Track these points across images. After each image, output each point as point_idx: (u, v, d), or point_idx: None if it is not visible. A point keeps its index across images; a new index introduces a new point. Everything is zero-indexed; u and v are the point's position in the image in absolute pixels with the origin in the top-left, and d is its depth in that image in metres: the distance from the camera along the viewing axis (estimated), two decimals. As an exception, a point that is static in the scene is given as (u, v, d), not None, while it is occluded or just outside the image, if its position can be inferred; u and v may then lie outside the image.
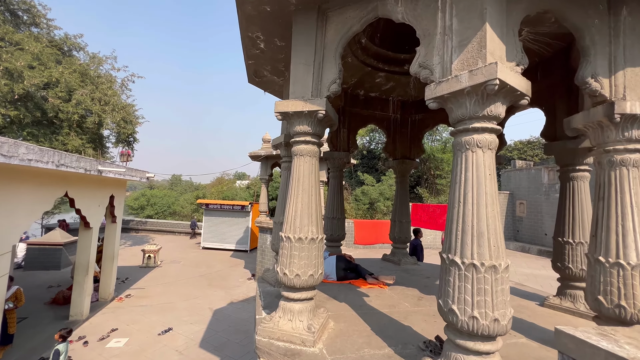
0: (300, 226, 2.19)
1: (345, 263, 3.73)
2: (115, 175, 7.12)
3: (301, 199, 2.22)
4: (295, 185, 2.26)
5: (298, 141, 2.30)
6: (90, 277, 7.18)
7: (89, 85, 12.90)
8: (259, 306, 2.72)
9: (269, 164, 11.30)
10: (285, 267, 2.17)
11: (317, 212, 2.26)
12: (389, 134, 5.11)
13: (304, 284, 2.15)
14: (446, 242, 1.70)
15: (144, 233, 21.92)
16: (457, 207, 1.65)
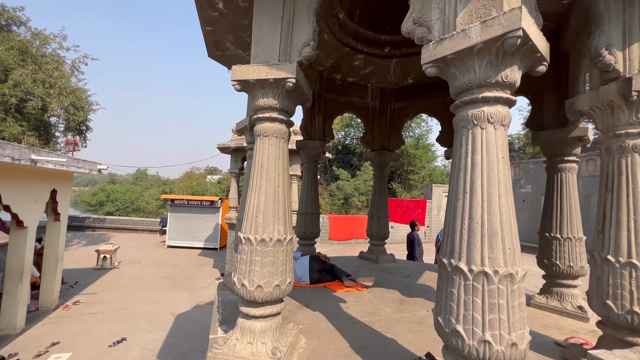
0: (263, 225, 1.74)
1: (320, 264, 3.34)
2: (56, 166, 6.15)
3: (265, 190, 1.77)
4: (257, 173, 1.80)
5: (262, 118, 1.84)
6: (25, 284, 6.19)
7: (31, 64, 11.33)
8: (215, 321, 2.25)
9: (239, 156, 10.61)
10: (244, 277, 1.72)
11: (286, 207, 1.83)
12: (367, 123, 4.77)
13: (267, 297, 1.71)
14: (446, 244, 1.34)
15: (103, 231, 20.15)
16: (462, 200, 1.29)
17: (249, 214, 1.77)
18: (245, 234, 1.76)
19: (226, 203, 16.06)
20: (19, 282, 6.06)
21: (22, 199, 5.95)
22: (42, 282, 7.24)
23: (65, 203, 7.58)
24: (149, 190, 33.40)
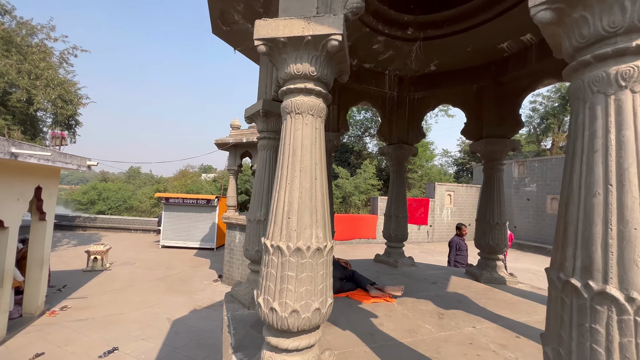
0: (298, 229, 1.33)
1: (341, 271, 2.93)
2: (40, 161, 5.63)
3: (299, 184, 1.36)
4: (288, 162, 1.39)
5: (293, 90, 1.43)
6: (6, 289, 5.67)
7: (15, 55, 10.67)
8: (228, 346, 1.82)
9: (238, 153, 10.14)
10: (274, 298, 1.31)
11: (325, 205, 1.42)
12: (384, 114, 4.37)
13: (305, 325, 1.30)
14: (571, 259, 0.95)
15: (94, 231, 19.45)
16: (604, 195, 0.90)
17: (278, 214, 1.36)
18: (273, 241, 1.34)
19: (223, 202, 15.56)
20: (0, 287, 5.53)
21: (1, 196, 5.42)
22: (26, 286, 6.70)
23: (52, 201, 7.04)
24: (142, 189, 32.60)
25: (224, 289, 9.50)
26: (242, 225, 9.55)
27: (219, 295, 8.91)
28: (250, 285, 2.55)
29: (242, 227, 9.58)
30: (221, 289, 9.48)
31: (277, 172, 1.43)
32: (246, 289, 2.55)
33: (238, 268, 9.66)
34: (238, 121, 10.33)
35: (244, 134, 9.74)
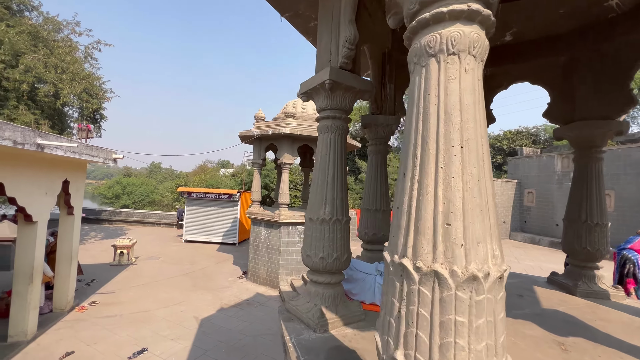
0: (466, 243, 0.81)
1: None
2: (66, 153, 5.40)
3: (461, 167, 0.84)
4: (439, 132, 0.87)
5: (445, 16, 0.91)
6: (36, 285, 5.53)
7: (42, 49, 10.68)
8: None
9: (263, 146, 9.74)
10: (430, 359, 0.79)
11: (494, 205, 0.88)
12: (445, 95, 3.73)
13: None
14: None
15: (119, 224, 19.86)
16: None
17: (424, 218, 0.84)
18: (420, 262, 0.83)
19: (245, 196, 15.34)
20: (29, 283, 5.39)
21: (29, 190, 5.24)
22: (56, 282, 6.61)
23: (79, 195, 6.89)
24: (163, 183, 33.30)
25: (249, 286, 9.21)
26: (268, 221, 9.19)
27: (245, 293, 8.62)
28: (313, 300, 2.06)
29: (268, 223, 9.22)
30: (246, 286, 9.20)
31: (410, 149, 0.91)
32: (307, 304, 2.07)
33: (264, 265, 9.33)
34: (262, 112, 9.91)
35: (269, 125, 9.32)
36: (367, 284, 2.38)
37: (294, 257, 9.08)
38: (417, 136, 0.90)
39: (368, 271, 2.43)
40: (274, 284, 9.02)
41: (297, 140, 9.17)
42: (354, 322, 2.05)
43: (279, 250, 8.99)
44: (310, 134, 8.80)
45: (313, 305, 2.03)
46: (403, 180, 0.91)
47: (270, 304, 7.94)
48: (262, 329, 6.49)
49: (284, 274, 8.98)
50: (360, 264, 2.51)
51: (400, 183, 0.94)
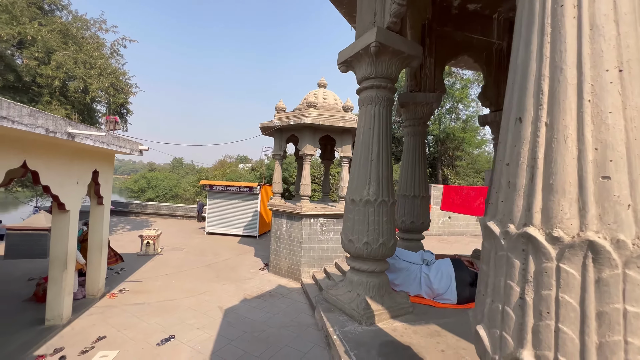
0: (635, 204, 0.56)
1: (468, 273, 2.16)
2: (95, 143, 5.49)
3: (621, 96, 0.58)
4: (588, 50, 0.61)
5: None
6: (69, 271, 5.72)
7: (72, 46, 11.05)
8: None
9: (284, 137, 9.62)
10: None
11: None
12: (490, 72, 3.39)
13: None
14: None
15: (145, 217, 20.60)
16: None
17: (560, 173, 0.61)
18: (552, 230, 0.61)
19: (265, 189, 15.39)
20: (63, 269, 5.57)
21: (62, 179, 5.38)
22: (88, 269, 6.83)
23: (108, 185, 7.05)
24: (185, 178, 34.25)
25: (271, 278, 9.20)
26: (289, 213, 9.09)
27: (267, 284, 8.61)
28: (355, 289, 1.87)
29: (289, 215, 9.13)
30: (268, 278, 9.20)
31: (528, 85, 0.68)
32: (349, 294, 1.88)
33: (285, 258, 9.27)
34: (283, 103, 9.77)
35: (290, 116, 9.17)
36: (411, 274, 2.15)
37: (315, 249, 8.95)
38: (541, 65, 0.67)
39: (413, 260, 2.20)
40: (295, 277, 8.95)
41: (318, 131, 8.97)
42: (402, 315, 1.84)
43: (300, 242, 8.89)
44: (332, 124, 8.57)
45: (356, 295, 1.83)
46: (517, 127, 0.69)
47: (293, 296, 7.87)
48: (286, 320, 6.42)
49: (306, 266, 8.88)
50: (404, 253, 2.28)
51: (510, 132, 0.71)
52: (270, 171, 26.21)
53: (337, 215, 9.03)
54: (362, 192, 1.83)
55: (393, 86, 1.94)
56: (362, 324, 1.67)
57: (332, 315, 1.78)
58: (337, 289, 1.98)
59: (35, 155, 4.66)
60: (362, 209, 1.83)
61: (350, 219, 1.89)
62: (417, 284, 2.13)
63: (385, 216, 1.80)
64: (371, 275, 1.81)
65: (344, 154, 9.03)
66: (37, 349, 4.92)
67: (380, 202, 1.81)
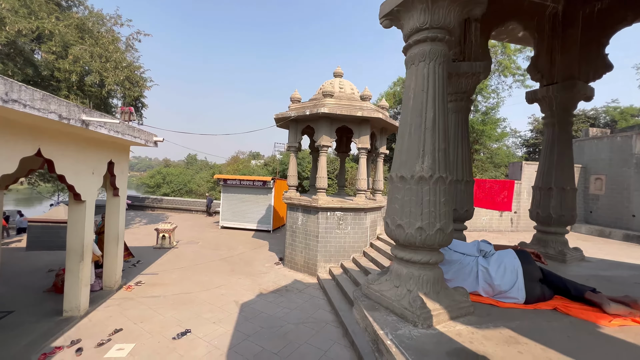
0: None
1: (536, 269, 1.81)
2: (110, 132, 5.36)
3: None
4: None
5: None
6: (86, 263, 5.65)
7: (88, 39, 11.08)
8: None
9: (299, 128, 9.32)
10: None
11: None
12: (542, 39, 2.98)
13: None
14: None
15: (160, 211, 20.86)
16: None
17: None
18: None
19: (279, 183, 15.21)
20: (80, 261, 5.51)
21: (77, 169, 5.28)
22: (105, 261, 6.79)
23: (123, 177, 6.97)
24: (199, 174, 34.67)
25: (286, 272, 9.00)
26: (305, 207, 8.83)
27: (283, 279, 8.40)
28: (405, 284, 1.56)
29: (305, 208, 8.87)
30: (284, 272, 8.99)
31: None
32: (397, 289, 1.57)
33: (301, 252, 9.04)
34: (298, 94, 9.47)
35: (306, 106, 8.85)
36: (465, 268, 1.83)
37: (332, 244, 8.67)
38: None
39: (467, 251, 1.87)
40: (311, 272, 8.71)
41: (335, 121, 8.63)
42: (462, 316, 1.53)
43: (316, 236, 8.62)
44: (349, 114, 8.20)
45: (406, 292, 1.52)
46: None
47: (309, 291, 7.63)
48: (304, 316, 6.18)
49: (322, 261, 8.62)
50: (455, 242, 1.95)
51: None
52: (283, 166, 26.08)
53: (355, 209, 8.70)
54: (413, 167, 1.52)
55: (451, 39, 1.59)
56: (417, 327, 1.37)
57: (379, 315, 1.48)
58: (380, 284, 1.68)
59: (50, 143, 4.55)
60: (415, 187, 1.51)
61: (398, 200, 1.57)
62: (472, 279, 1.80)
63: (442, 196, 1.48)
64: (424, 267, 1.49)
65: (362, 145, 8.66)
66: (55, 340, 4.86)
67: (437, 179, 1.49)
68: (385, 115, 8.77)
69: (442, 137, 1.54)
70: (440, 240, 1.51)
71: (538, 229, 3.08)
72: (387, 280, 1.67)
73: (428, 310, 1.41)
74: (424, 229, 1.48)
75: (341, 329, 5.76)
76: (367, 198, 9.18)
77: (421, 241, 1.50)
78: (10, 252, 9.71)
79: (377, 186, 9.93)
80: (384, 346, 1.26)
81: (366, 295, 1.71)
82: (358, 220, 8.87)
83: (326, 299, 7.16)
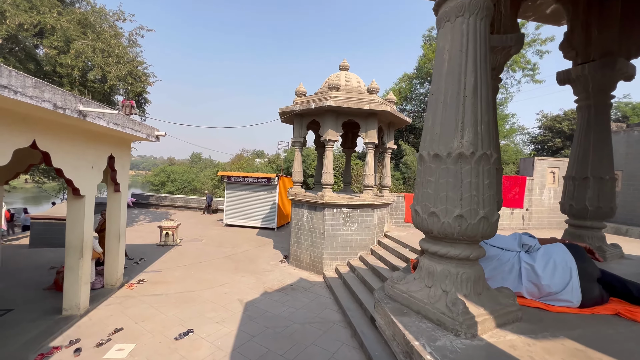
0: None
1: (594, 266, 1.54)
2: (109, 124, 5.16)
3: None
4: None
5: None
6: (86, 260, 5.47)
7: (90, 34, 10.94)
8: None
9: (304, 123, 9.07)
10: None
11: None
12: (576, 13, 2.69)
13: None
14: None
15: (164, 209, 20.79)
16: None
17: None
18: None
19: (283, 181, 14.99)
20: (79, 257, 5.33)
21: (75, 163, 5.09)
22: (106, 258, 6.63)
23: (124, 172, 6.79)
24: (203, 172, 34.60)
25: (291, 270, 8.78)
26: (311, 203, 8.59)
27: (288, 277, 8.18)
28: (439, 283, 1.30)
29: (311, 204, 8.63)
30: (289, 270, 8.77)
31: None
32: (429, 290, 1.31)
33: (306, 250, 8.80)
34: (303, 87, 9.20)
35: (312, 99, 8.59)
36: (505, 265, 1.57)
37: (338, 241, 8.42)
38: None
39: (506, 246, 1.61)
40: (317, 270, 8.47)
41: (342, 115, 8.36)
42: (510, 323, 1.27)
43: (322, 234, 8.38)
44: (356, 107, 7.92)
45: (441, 293, 1.27)
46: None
47: (315, 290, 7.39)
48: (310, 316, 5.95)
49: (329, 259, 8.38)
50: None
51: None
52: (287, 163, 25.86)
53: (362, 206, 8.44)
54: (450, 143, 1.25)
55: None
56: (459, 336, 1.11)
57: (409, 321, 1.23)
58: (408, 283, 1.42)
59: (46, 135, 4.35)
60: (452, 167, 1.25)
61: (431, 184, 1.31)
62: (514, 278, 1.54)
63: (486, 177, 1.21)
64: (463, 264, 1.23)
65: (369, 139, 8.38)
66: (53, 339, 4.69)
67: (480, 157, 1.22)
68: (393, 109, 8.47)
69: (485, 106, 1.28)
70: (483, 231, 1.25)
71: (571, 223, 2.80)
72: (416, 279, 1.41)
73: (472, 316, 1.15)
74: (465, 217, 1.22)
75: (349, 329, 5.52)
76: (375, 194, 8.90)
77: (460, 232, 1.24)
78: (14, 249, 9.62)
79: (384, 182, 9.65)
80: (413, 351, 1.01)
81: (391, 296, 1.45)
82: (365, 217, 8.60)
83: (333, 298, 6.92)
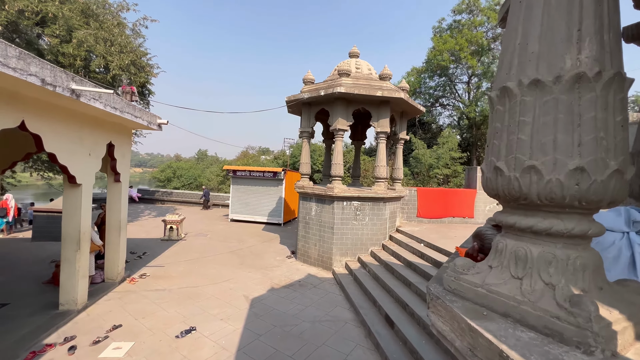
0: None
1: None
2: (106, 107, 4.82)
3: None
4: None
5: None
6: (83, 252, 5.17)
7: (93, 23, 10.66)
8: None
9: (313, 112, 8.65)
10: None
11: None
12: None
13: None
14: None
15: (170, 204, 20.63)
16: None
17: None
18: None
19: (290, 175, 14.61)
20: (76, 250, 5.02)
21: (71, 148, 4.76)
22: (107, 252, 6.33)
23: (125, 161, 6.47)
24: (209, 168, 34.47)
25: (299, 266, 8.40)
26: (319, 196, 8.19)
27: (296, 273, 7.81)
28: (538, 273, 0.86)
29: (319, 197, 8.23)
30: (296, 266, 8.40)
31: None
32: (521, 284, 0.89)
33: (315, 245, 8.42)
34: (311, 74, 8.78)
35: (321, 87, 8.16)
36: (609, 250, 1.15)
37: (348, 236, 8.01)
38: None
39: (608, 225, 1.18)
40: (326, 265, 8.09)
41: (352, 103, 7.92)
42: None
43: (332, 228, 7.98)
44: (367, 94, 7.47)
45: (544, 287, 0.85)
46: None
47: (325, 286, 7.01)
48: (320, 314, 5.57)
49: (338, 254, 7.98)
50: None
51: None
52: (294, 159, 25.49)
53: (373, 199, 8.00)
54: (559, 61, 0.82)
55: None
56: (594, 355, 0.67)
57: (498, 328, 0.81)
58: (481, 273, 1.00)
59: (37, 116, 4.02)
60: (565, 97, 0.82)
61: (525, 126, 0.87)
62: (623, 266, 1.13)
63: (620, 112, 0.76)
64: (575, 245, 0.79)
65: (381, 128, 7.92)
66: (47, 336, 4.39)
67: (611, 80, 0.78)
68: (407, 97, 7.99)
69: (612, 3, 0.85)
70: (614, 193, 0.82)
71: (638, 208, 2.34)
72: (494, 268, 0.99)
73: (609, 324, 0.73)
74: (586, 170, 0.80)
75: (362, 329, 5.12)
76: (386, 187, 8.45)
77: (579, 194, 0.81)
78: (16, 242, 9.45)
79: (396, 175, 9.19)
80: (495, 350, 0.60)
81: (454, 291, 1.04)
82: (377, 211, 8.17)
83: (343, 295, 6.53)
